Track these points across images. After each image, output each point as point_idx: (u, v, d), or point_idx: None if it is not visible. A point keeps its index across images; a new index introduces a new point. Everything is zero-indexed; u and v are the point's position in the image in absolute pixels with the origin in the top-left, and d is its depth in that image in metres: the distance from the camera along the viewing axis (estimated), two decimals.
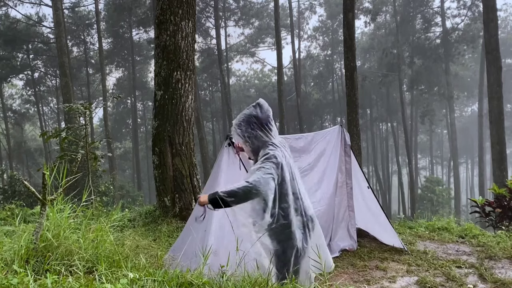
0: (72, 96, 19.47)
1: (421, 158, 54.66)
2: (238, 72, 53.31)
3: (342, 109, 36.91)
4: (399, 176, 37.42)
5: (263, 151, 2.63)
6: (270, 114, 2.75)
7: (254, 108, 2.71)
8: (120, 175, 37.08)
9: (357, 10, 29.84)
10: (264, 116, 2.70)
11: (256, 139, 2.67)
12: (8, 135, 35.22)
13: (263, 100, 2.79)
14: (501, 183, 10.99)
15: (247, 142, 2.68)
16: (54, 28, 21.79)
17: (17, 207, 9.21)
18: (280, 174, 2.54)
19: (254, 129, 2.65)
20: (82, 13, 34.94)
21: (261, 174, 2.46)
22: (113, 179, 21.75)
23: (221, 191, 2.46)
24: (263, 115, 2.70)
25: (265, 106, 2.74)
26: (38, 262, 2.28)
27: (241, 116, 2.71)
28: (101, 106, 12.61)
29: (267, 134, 2.68)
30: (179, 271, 2.20)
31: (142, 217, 6.20)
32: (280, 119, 24.12)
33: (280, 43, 23.60)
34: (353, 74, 10.52)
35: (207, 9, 34.57)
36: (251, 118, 2.68)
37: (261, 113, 2.70)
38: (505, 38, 40.82)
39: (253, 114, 2.69)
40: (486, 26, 13.15)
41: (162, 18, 6.16)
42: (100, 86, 32.60)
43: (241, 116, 2.71)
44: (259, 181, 2.43)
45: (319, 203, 4.79)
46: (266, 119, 2.70)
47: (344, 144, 5.16)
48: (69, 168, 7.22)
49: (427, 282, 3.83)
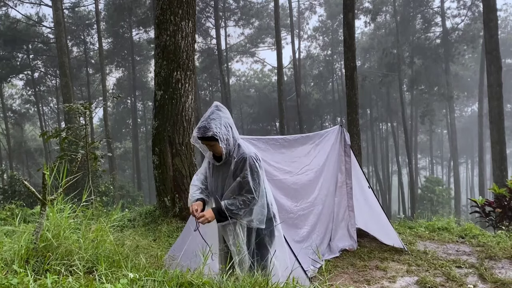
0: (72, 96, 19.46)
1: (421, 158, 54.65)
2: (238, 72, 53.36)
3: (342, 109, 36.93)
4: (399, 176, 37.43)
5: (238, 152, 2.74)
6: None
7: (220, 111, 2.74)
8: (120, 175, 37.08)
9: (357, 10, 29.86)
10: (229, 116, 2.79)
11: (230, 140, 2.72)
12: (8, 135, 35.22)
13: (219, 103, 2.85)
14: (501, 183, 11.00)
15: (224, 145, 2.69)
16: (54, 28, 21.79)
17: (17, 207, 9.21)
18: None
19: (228, 131, 2.70)
20: (82, 13, 34.94)
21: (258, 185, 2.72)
22: (113, 179, 21.74)
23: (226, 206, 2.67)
24: (229, 115, 2.79)
25: (224, 107, 2.84)
26: (38, 262, 2.28)
27: (216, 119, 2.68)
28: (101, 106, 12.63)
29: (234, 134, 2.77)
30: (179, 271, 2.20)
31: (142, 217, 6.20)
32: (280, 119, 24.11)
33: (280, 43, 23.58)
34: (353, 74, 10.52)
35: (207, 9, 34.57)
36: (224, 120, 2.71)
37: (227, 113, 2.78)
38: (505, 38, 40.81)
39: (223, 115, 2.72)
40: (486, 26, 13.15)
41: (162, 18, 6.16)
42: (100, 86, 32.60)
43: (216, 119, 2.68)
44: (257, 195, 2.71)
45: (318, 203, 4.79)
46: (231, 119, 2.80)
47: (344, 144, 5.16)
48: (69, 168, 7.22)
49: (427, 282, 3.83)
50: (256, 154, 2.78)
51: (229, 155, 2.73)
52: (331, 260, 4.61)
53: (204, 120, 2.68)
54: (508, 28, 46.99)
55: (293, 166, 4.49)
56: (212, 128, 2.61)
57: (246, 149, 2.76)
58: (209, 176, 2.96)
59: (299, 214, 4.43)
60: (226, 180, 2.78)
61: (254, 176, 2.69)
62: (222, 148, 2.68)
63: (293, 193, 4.43)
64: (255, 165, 2.71)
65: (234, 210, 2.65)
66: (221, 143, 2.65)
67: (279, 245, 2.90)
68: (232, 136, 2.73)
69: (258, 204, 2.72)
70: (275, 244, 2.87)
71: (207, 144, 2.74)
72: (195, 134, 2.70)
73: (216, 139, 2.62)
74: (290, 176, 4.44)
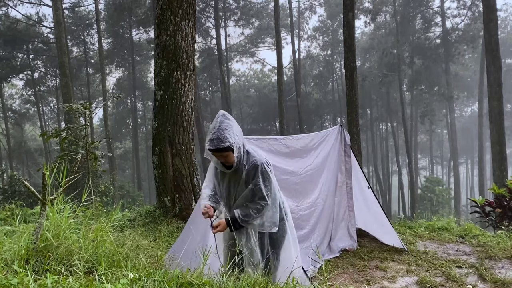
0: (72, 96, 19.45)
1: (421, 158, 54.62)
2: (238, 72, 53.32)
3: (342, 109, 36.91)
4: (399, 176, 37.40)
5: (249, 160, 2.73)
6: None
7: (228, 120, 2.72)
8: (120, 175, 37.06)
9: (357, 10, 29.83)
10: (237, 123, 2.78)
11: (241, 147, 2.71)
12: (8, 135, 35.20)
13: (224, 111, 2.83)
14: (501, 183, 10.99)
15: (237, 151, 2.67)
16: (54, 28, 21.78)
17: (17, 207, 9.20)
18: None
19: (240, 139, 2.70)
20: (82, 13, 34.92)
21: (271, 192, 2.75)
22: (113, 179, 21.73)
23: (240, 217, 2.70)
24: (236, 123, 2.78)
25: (230, 115, 2.82)
26: (38, 262, 2.28)
27: (229, 129, 2.65)
28: (101, 106, 12.62)
29: (244, 140, 2.77)
30: (179, 271, 2.20)
31: (142, 217, 6.20)
32: (280, 119, 24.10)
33: (280, 43, 23.57)
34: (353, 74, 10.52)
35: (207, 9, 34.55)
36: (235, 128, 2.70)
37: (235, 121, 2.77)
38: (505, 38, 40.80)
39: (233, 123, 2.71)
40: (486, 26, 13.15)
41: (162, 18, 6.16)
42: (100, 86, 32.57)
43: (229, 129, 2.65)
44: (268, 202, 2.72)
45: (319, 203, 4.79)
46: (239, 126, 2.78)
47: (344, 144, 5.16)
48: (69, 168, 7.22)
49: (427, 282, 3.83)
50: (266, 160, 2.79)
51: (239, 162, 2.71)
52: (331, 260, 4.60)
53: (216, 131, 2.62)
54: (508, 28, 46.99)
55: (295, 166, 4.50)
56: (228, 139, 2.59)
57: (256, 156, 2.75)
58: (218, 183, 2.94)
59: (300, 214, 4.44)
60: (238, 187, 2.77)
61: (266, 182, 2.71)
62: (234, 158, 2.66)
63: (294, 193, 4.44)
64: (266, 171, 2.72)
65: (249, 220, 2.68)
66: (236, 152, 2.64)
67: (289, 243, 2.91)
68: (242, 144, 2.73)
69: (270, 208, 2.74)
70: (287, 242, 2.89)
71: (220, 155, 2.68)
72: (209, 147, 2.63)
73: (232, 149, 2.61)
74: (292, 176, 4.44)
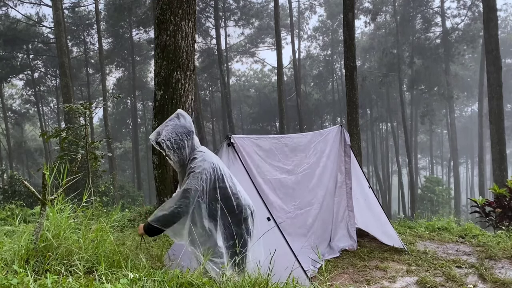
0: (72, 96, 19.44)
1: (421, 158, 54.62)
2: (238, 72, 53.38)
3: (342, 109, 36.91)
4: (399, 176, 37.39)
5: (190, 164, 2.68)
6: (192, 123, 2.83)
7: (178, 119, 2.71)
8: (120, 175, 37.07)
9: (357, 10, 29.84)
10: (188, 125, 2.74)
11: (184, 149, 2.68)
12: (8, 135, 35.20)
13: (183, 111, 2.81)
14: (501, 183, 10.99)
15: (176, 153, 2.66)
16: (54, 28, 21.75)
17: (17, 207, 9.19)
18: (212, 182, 2.65)
19: (182, 140, 2.67)
20: (82, 13, 34.91)
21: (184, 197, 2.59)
22: (113, 179, 21.71)
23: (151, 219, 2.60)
24: (188, 124, 2.74)
25: (187, 116, 2.80)
26: (38, 262, 2.28)
27: (168, 129, 2.65)
28: (101, 106, 12.62)
29: (193, 143, 2.74)
30: (179, 271, 2.20)
31: (142, 217, 6.20)
32: (280, 119, 24.08)
33: (280, 43, 23.55)
34: (353, 74, 10.52)
35: (207, 9, 34.55)
36: (179, 129, 2.67)
37: (186, 122, 2.73)
38: (505, 38, 40.81)
39: (179, 124, 2.69)
40: (486, 26, 13.15)
41: (162, 18, 6.15)
42: (100, 86, 32.58)
43: (168, 129, 2.65)
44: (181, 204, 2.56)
45: (317, 202, 4.79)
46: (190, 128, 2.74)
47: (344, 144, 5.16)
48: (69, 168, 7.21)
49: (427, 282, 3.83)
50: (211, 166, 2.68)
51: (183, 162, 2.70)
52: (331, 260, 4.60)
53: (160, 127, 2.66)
54: (508, 28, 47.00)
55: (294, 165, 4.50)
56: (161, 136, 2.61)
57: (199, 161, 2.67)
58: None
59: (297, 213, 4.44)
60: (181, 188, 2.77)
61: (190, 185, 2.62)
62: (171, 157, 2.65)
63: (291, 192, 4.44)
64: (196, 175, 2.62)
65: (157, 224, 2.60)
66: (168, 151, 2.63)
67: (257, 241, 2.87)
68: (188, 146, 2.68)
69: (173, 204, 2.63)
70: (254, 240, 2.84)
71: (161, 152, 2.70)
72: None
73: (163, 149, 2.61)
74: (290, 175, 4.45)
